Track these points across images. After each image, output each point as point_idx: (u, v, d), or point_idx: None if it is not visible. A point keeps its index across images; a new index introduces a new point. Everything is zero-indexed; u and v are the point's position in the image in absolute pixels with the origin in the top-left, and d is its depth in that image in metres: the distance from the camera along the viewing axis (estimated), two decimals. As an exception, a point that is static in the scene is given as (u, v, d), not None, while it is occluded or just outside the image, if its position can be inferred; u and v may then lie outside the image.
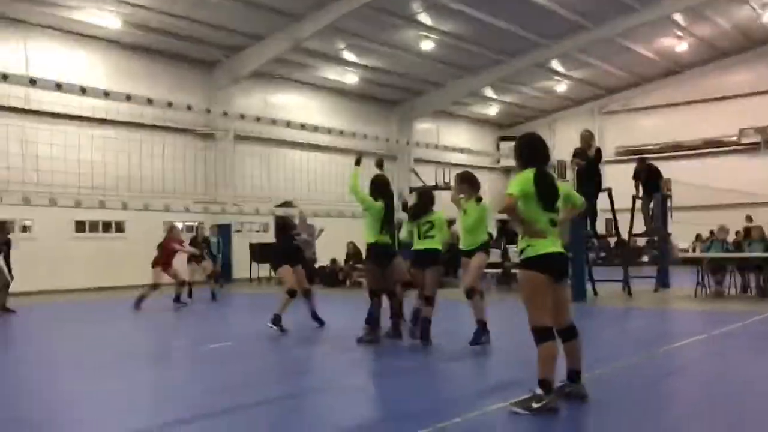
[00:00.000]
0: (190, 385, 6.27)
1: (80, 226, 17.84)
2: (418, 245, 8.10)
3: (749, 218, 22.39)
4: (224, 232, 19.88)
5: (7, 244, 11.96)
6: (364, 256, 8.23)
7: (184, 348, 8.74)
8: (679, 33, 24.62)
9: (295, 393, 5.99)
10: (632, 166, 15.63)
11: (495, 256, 16.70)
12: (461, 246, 7.86)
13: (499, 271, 16.68)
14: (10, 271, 11.96)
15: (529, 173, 4.98)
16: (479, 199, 7.77)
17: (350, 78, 24.17)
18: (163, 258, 12.26)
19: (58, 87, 6.61)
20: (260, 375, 6.47)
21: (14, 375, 6.90)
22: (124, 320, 11.15)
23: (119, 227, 18.44)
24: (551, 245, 4.90)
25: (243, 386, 6.04)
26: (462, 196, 7.87)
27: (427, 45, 21.96)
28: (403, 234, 9.07)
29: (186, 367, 7.39)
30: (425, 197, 8.65)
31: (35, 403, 5.63)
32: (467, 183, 7.82)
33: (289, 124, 8.75)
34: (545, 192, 4.93)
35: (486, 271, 16.78)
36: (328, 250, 18.55)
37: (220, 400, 5.47)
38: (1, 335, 10.16)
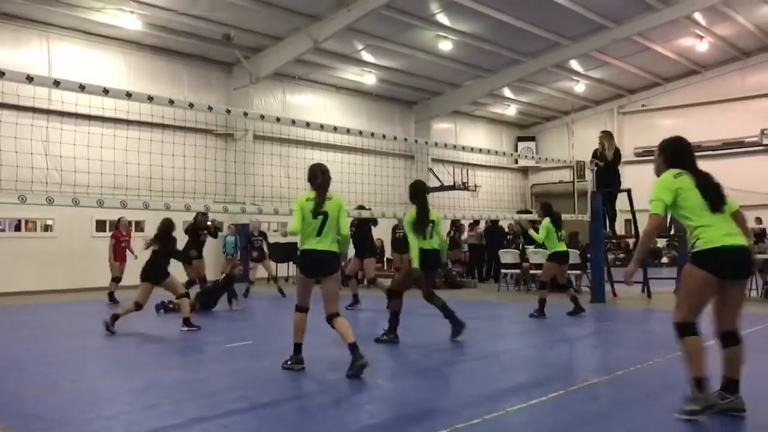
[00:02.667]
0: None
1: (101, 226, 18.04)
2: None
3: (759, 220, 22.18)
4: (243, 231, 20.01)
5: None
6: (414, 263, 8.09)
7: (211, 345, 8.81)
8: (700, 32, 24.40)
9: (313, 392, 6.04)
10: (651, 166, 15.47)
11: (513, 256, 16.71)
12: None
13: (517, 271, 16.64)
14: None
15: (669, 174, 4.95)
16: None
17: (368, 79, 24.22)
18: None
19: (82, 88, 6.68)
20: (277, 374, 6.51)
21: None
22: (146, 318, 11.26)
23: (138, 226, 18.61)
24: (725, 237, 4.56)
25: (265, 383, 6.10)
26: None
27: (445, 45, 21.94)
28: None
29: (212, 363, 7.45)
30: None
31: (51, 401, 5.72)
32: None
33: (308, 124, 8.78)
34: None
35: (505, 271, 16.86)
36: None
37: (236, 397, 5.52)
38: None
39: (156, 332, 10.06)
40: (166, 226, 9.99)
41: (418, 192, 8.51)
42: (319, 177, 6.54)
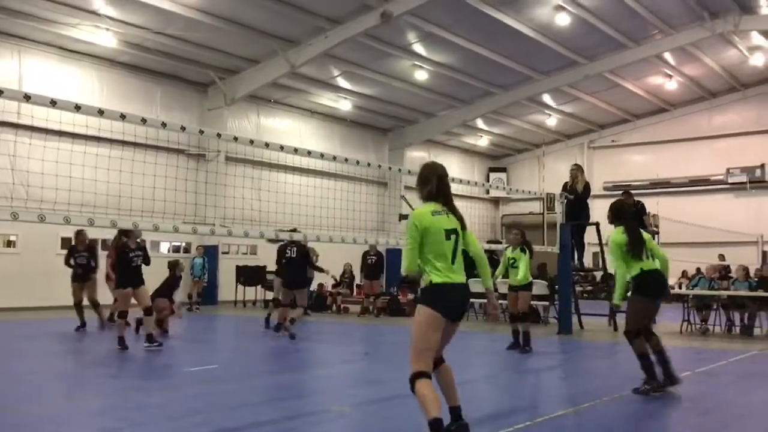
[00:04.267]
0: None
1: (66, 243, 17.71)
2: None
3: (722, 257, 22.61)
4: (211, 253, 19.84)
5: None
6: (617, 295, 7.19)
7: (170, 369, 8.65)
8: (669, 72, 25.00)
9: (277, 419, 5.95)
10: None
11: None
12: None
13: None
14: None
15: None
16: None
17: (344, 104, 24.31)
18: None
19: (53, 103, 6.59)
20: (242, 399, 6.40)
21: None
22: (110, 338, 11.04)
23: (105, 244, 18.33)
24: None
25: (230, 409, 5.99)
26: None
27: (420, 75, 22.15)
28: None
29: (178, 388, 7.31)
30: None
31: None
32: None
33: (282, 147, 8.75)
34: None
35: (473, 300, 16.82)
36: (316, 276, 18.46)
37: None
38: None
39: (118, 353, 9.86)
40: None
41: (622, 211, 7.46)
42: (434, 181, 4.77)
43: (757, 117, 27.45)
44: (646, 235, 7.22)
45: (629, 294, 7.18)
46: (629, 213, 7.58)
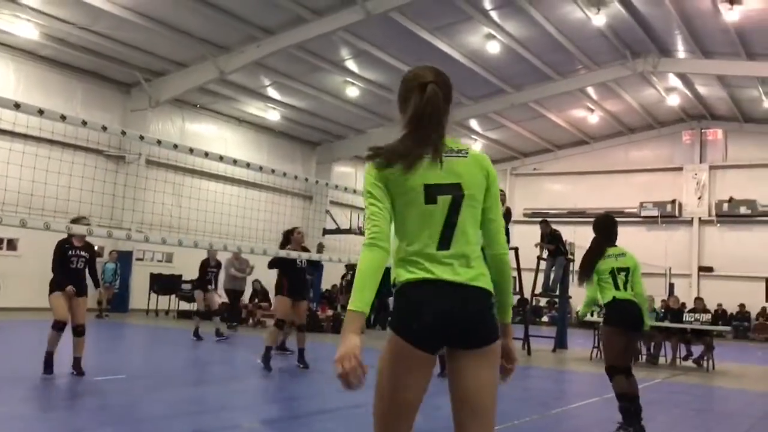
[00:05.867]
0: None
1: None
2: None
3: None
4: (124, 259, 19.18)
5: None
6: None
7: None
8: (591, 106, 25.96)
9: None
10: (537, 227, 16.03)
11: None
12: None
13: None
14: None
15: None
16: None
17: (273, 115, 24.09)
18: None
19: (-35, 92, 6.25)
20: (149, 411, 6.18)
21: None
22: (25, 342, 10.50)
23: (11, 245, 17.51)
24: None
25: (137, 421, 5.75)
26: None
27: (352, 91, 22.21)
28: None
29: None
30: None
31: None
32: None
33: (207, 154, 8.56)
34: None
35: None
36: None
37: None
38: None
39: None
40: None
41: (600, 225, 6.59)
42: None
43: (671, 155, 28.84)
44: (630, 261, 6.25)
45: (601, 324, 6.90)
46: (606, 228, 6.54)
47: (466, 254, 2.55)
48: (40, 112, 6.78)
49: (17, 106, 6.65)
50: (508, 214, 14.55)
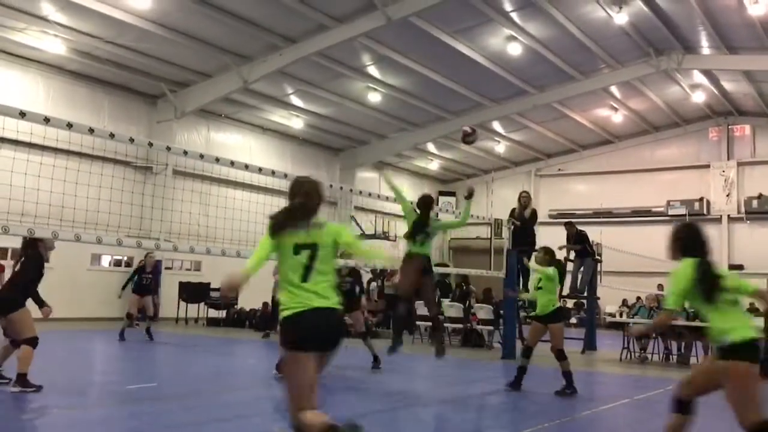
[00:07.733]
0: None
1: (2, 254, 17.12)
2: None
3: (660, 287, 23.15)
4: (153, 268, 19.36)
5: None
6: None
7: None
8: (615, 105, 25.74)
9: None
10: (563, 228, 15.88)
11: (457, 310, 16.15)
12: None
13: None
14: None
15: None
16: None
17: (296, 122, 24.25)
18: None
19: (-4, 109, 6.41)
20: (177, 418, 6.25)
21: None
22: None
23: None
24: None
25: (165, 428, 5.83)
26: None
27: (374, 97, 22.28)
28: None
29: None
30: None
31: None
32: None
33: (233, 163, 8.67)
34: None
35: (419, 323, 16.75)
36: (260, 293, 18.19)
37: None
38: None
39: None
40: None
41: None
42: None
43: (698, 152, 28.46)
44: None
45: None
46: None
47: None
48: (69, 125, 6.93)
49: (47, 120, 6.80)
50: (533, 216, 14.51)
